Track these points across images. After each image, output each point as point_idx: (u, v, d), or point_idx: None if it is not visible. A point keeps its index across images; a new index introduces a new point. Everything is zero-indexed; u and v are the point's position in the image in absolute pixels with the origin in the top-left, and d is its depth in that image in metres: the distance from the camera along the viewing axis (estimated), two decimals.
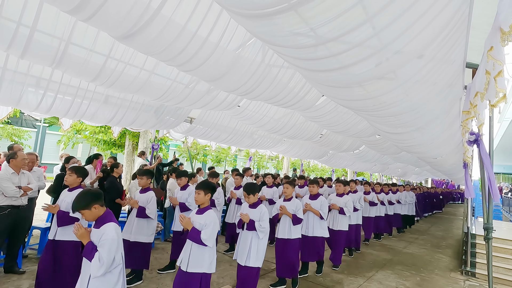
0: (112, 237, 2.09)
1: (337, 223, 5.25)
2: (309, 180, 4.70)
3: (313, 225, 4.44)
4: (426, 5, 1.72)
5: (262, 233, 3.26)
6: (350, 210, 5.19)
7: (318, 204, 4.46)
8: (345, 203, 5.21)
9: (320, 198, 4.51)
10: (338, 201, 5.31)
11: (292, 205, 4.04)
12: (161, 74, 3.94)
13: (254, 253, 3.25)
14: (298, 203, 4.09)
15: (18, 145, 4.70)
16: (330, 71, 2.48)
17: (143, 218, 3.79)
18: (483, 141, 2.97)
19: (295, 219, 3.96)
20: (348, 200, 5.23)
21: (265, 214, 3.32)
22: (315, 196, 4.56)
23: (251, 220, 3.29)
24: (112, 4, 2.08)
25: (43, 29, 2.82)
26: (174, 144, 21.52)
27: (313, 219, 4.48)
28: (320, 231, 4.47)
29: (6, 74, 3.65)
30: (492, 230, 3.11)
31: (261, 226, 3.25)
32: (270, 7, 1.62)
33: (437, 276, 5.44)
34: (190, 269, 2.67)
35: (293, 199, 4.11)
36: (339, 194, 5.38)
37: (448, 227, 12.27)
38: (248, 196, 3.38)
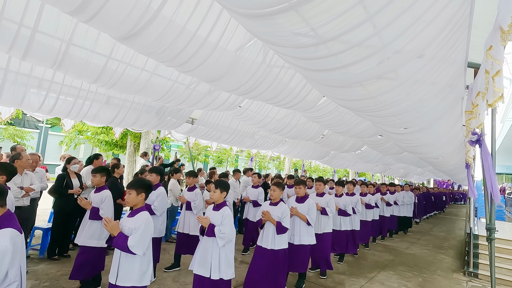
0: (4, 248, 1.65)
1: (320, 225, 4.66)
2: (296, 180, 4.18)
3: (300, 232, 3.93)
4: (427, 4, 1.72)
5: (222, 240, 2.79)
6: (333, 210, 4.67)
7: (306, 208, 3.95)
8: (326, 203, 4.68)
9: (308, 201, 4.01)
10: (319, 201, 4.68)
11: (278, 211, 3.49)
12: (162, 75, 3.94)
13: (216, 264, 2.79)
14: (286, 209, 3.55)
15: (21, 146, 4.73)
16: (331, 70, 2.48)
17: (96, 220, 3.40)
18: (485, 141, 2.96)
19: (279, 228, 3.42)
20: (330, 199, 4.68)
21: (227, 217, 2.88)
22: (302, 198, 4.05)
23: (211, 225, 2.87)
24: (112, 5, 2.09)
25: (44, 30, 2.83)
26: (176, 144, 21.56)
27: (299, 225, 3.95)
28: (307, 238, 3.97)
29: (9, 75, 3.67)
30: (494, 231, 3.09)
31: (221, 232, 2.79)
32: (270, 7, 1.62)
33: (439, 277, 5.41)
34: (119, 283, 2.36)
35: (280, 203, 3.57)
36: (320, 194, 4.80)
37: (450, 227, 12.21)
38: (214, 191, 3.01)
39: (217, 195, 2.99)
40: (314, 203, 3.99)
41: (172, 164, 8.51)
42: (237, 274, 4.39)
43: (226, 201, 5.02)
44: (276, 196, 3.59)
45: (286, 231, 3.47)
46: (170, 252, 5.23)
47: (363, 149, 10.19)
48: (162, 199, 3.92)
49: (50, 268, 4.12)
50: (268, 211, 3.49)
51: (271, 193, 3.61)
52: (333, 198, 4.97)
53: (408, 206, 9.80)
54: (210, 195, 3.08)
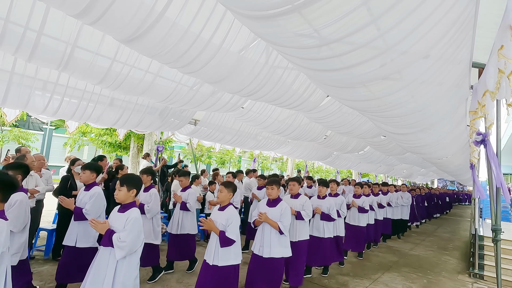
0: None
1: (295, 232, 3.98)
2: (268, 180, 3.55)
3: (271, 242, 3.26)
4: (433, 6, 1.71)
5: (121, 251, 2.19)
6: (309, 214, 4.01)
7: (278, 213, 3.29)
8: (302, 205, 4.01)
9: (281, 205, 3.35)
10: (293, 204, 4.04)
11: (223, 218, 2.95)
12: (166, 76, 3.97)
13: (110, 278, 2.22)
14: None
15: (25, 148, 4.76)
16: (334, 71, 2.47)
17: None
18: (491, 141, 2.94)
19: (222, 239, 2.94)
20: (306, 201, 4.04)
21: (131, 221, 2.29)
22: (274, 201, 3.41)
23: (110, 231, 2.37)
24: (117, 8, 2.10)
25: (49, 33, 2.87)
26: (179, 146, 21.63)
27: (270, 234, 3.28)
28: (279, 250, 3.26)
29: (14, 77, 3.71)
30: (500, 232, 3.06)
31: (119, 240, 2.21)
32: (274, 9, 1.62)
33: (444, 278, 5.37)
34: None
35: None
36: (294, 196, 4.13)
37: (455, 228, 12.12)
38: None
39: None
40: (288, 208, 3.37)
41: (175, 165, 8.54)
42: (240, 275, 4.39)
43: None
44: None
45: (231, 243, 2.80)
46: None
47: (366, 149, 10.16)
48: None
49: (55, 269, 4.12)
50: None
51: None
52: (315, 199, 4.73)
53: (404, 208, 9.02)
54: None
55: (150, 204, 3.80)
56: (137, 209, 2.39)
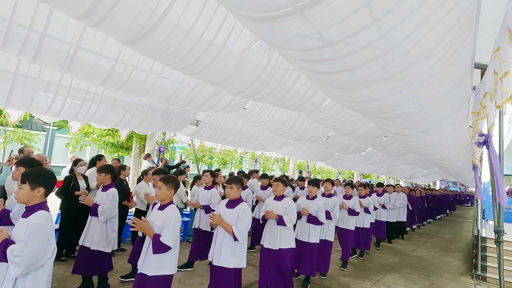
0: None
1: (274, 239, 3.54)
2: (228, 179, 3.27)
3: (221, 249, 2.87)
4: (434, 6, 1.71)
5: (17, 268, 1.78)
6: (293, 219, 3.58)
7: (235, 216, 2.91)
8: (285, 209, 3.58)
9: (240, 206, 2.97)
10: (275, 207, 3.63)
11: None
12: (168, 77, 3.98)
13: None
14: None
15: (28, 148, 4.79)
16: (336, 73, 2.48)
17: None
18: (493, 142, 2.93)
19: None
20: (289, 204, 3.62)
21: (30, 229, 1.94)
22: (234, 202, 3.04)
23: None
24: (119, 9, 2.12)
25: (53, 35, 2.89)
26: (180, 146, 21.68)
27: (222, 239, 2.90)
28: (231, 259, 2.86)
29: (18, 78, 3.73)
30: (503, 233, 3.05)
31: (12, 254, 1.85)
32: (276, 10, 1.63)
33: (446, 280, 5.35)
34: None
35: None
36: (278, 197, 3.74)
37: (457, 230, 12.07)
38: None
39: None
40: (247, 210, 2.95)
41: (177, 166, 8.56)
42: None
43: None
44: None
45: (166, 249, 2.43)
46: None
47: (368, 150, 10.13)
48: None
49: (57, 269, 4.16)
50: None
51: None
52: (303, 200, 4.37)
53: (401, 209, 8.52)
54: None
55: (105, 205, 3.33)
56: (43, 213, 1.88)
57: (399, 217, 8.42)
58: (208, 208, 4.54)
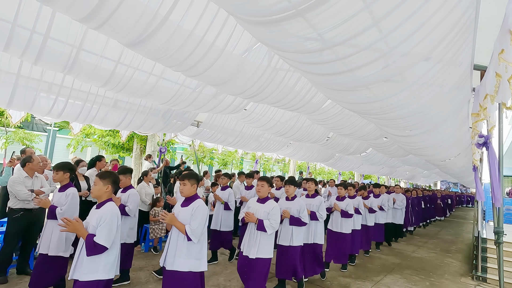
0: None
1: (252, 246, 3.22)
2: (182, 175, 2.87)
3: (176, 253, 2.57)
4: (433, 8, 1.73)
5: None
6: (275, 225, 3.19)
7: (188, 215, 2.61)
8: (267, 213, 3.22)
9: (194, 204, 2.67)
10: (257, 210, 3.29)
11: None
12: (169, 78, 4.01)
13: None
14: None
15: (30, 149, 4.81)
16: (337, 74, 2.50)
17: None
18: (492, 143, 2.94)
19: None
20: (273, 208, 3.25)
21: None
22: (188, 199, 2.73)
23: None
24: (122, 12, 2.14)
25: (55, 37, 2.91)
26: (181, 147, 21.71)
27: (176, 241, 2.59)
28: (184, 261, 2.55)
29: (20, 80, 3.76)
30: (502, 234, 3.06)
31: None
32: (277, 14, 1.65)
33: (447, 281, 5.35)
34: None
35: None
36: (261, 199, 3.39)
37: (458, 231, 12.06)
38: None
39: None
40: (201, 207, 2.63)
41: (178, 167, 8.58)
42: None
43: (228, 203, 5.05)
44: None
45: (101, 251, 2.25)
46: None
47: (369, 151, 10.15)
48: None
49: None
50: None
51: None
52: (282, 201, 4.05)
53: (399, 211, 8.19)
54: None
55: (64, 207, 3.06)
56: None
57: (395, 219, 8.11)
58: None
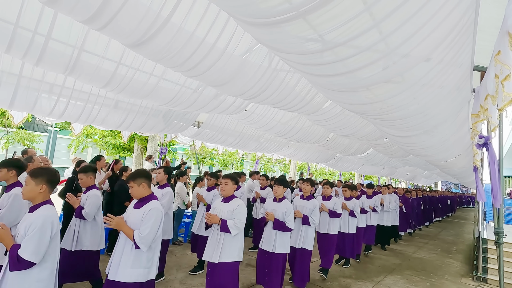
0: None
1: (215, 249, 2.94)
2: (129, 174, 2.58)
3: (121, 260, 2.30)
4: (432, 10, 1.74)
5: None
6: (239, 225, 2.92)
7: (139, 218, 2.34)
8: (231, 212, 2.98)
9: (147, 206, 2.39)
10: (221, 210, 3.05)
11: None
12: (170, 79, 4.02)
13: None
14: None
15: (32, 150, 4.83)
16: (337, 75, 2.51)
17: None
18: (493, 144, 2.95)
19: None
20: (237, 206, 2.98)
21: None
22: (141, 201, 2.46)
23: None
24: (124, 14, 2.15)
25: (57, 38, 2.92)
26: (182, 147, 21.72)
27: (123, 247, 2.33)
28: (130, 271, 2.28)
29: (22, 81, 3.78)
30: (503, 235, 3.06)
31: None
32: (278, 16, 1.66)
33: (447, 281, 5.35)
34: None
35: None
36: (226, 198, 3.14)
37: (459, 231, 12.05)
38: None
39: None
40: (154, 210, 2.33)
41: (179, 167, 8.59)
42: (243, 277, 4.41)
43: None
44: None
45: (24, 266, 1.88)
46: (177, 254, 5.28)
47: (369, 152, 10.15)
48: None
49: None
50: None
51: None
52: (270, 203, 3.78)
53: (393, 212, 7.83)
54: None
55: (4, 210, 2.69)
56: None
57: (390, 220, 7.70)
58: None
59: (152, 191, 2.55)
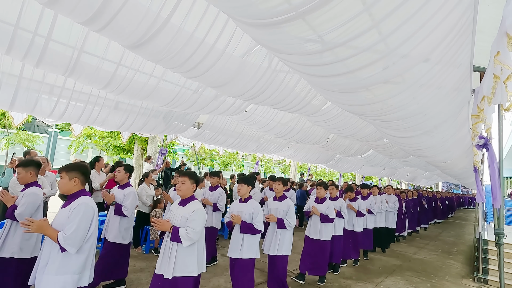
0: None
1: (168, 262, 2.48)
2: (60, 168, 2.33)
3: (46, 265, 2.11)
4: (431, 11, 1.75)
5: None
6: (192, 235, 2.43)
7: (65, 216, 2.11)
8: (185, 218, 2.53)
9: (73, 203, 2.15)
10: (176, 214, 2.62)
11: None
12: (169, 80, 4.03)
13: None
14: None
15: (34, 151, 4.84)
16: (337, 76, 2.51)
17: None
18: (492, 145, 2.95)
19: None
20: (193, 212, 2.52)
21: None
22: (70, 198, 2.24)
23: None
24: (124, 15, 2.16)
25: (57, 39, 2.93)
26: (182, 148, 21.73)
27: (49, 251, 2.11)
28: (55, 278, 2.04)
29: (22, 82, 3.79)
30: (503, 236, 3.06)
31: None
32: (278, 16, 1.67)
33: (448, 282, 5.34)
34: None
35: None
36: (182, 201, 2.69)
37: (459, 232, 12.03)
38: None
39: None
40: (81, 207, 2.09)
41: (179, 168, 8.59)
42: None
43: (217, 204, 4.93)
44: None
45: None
46: None
47: (369, 152, 10.15)
48: None
49: None
50: None
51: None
52: (235, 204, 3.41)
53: (390, 214, 7.42)
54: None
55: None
56: None
57: (388, 222, 7.37)
58: None
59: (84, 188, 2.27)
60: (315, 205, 4.47)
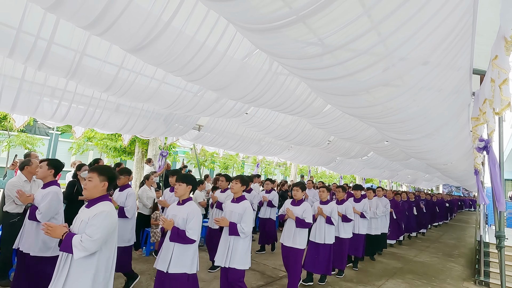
0: None
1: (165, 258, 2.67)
2: None
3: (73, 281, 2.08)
4: (430, 13, 1.76)
5: None
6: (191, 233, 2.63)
7: None
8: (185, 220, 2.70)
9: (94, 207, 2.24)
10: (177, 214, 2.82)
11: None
12: (171, 83, 4.04)
13: None
14: None
15: (34, 153, 4.85)
16: (337, 79, 2.52)
17: None
18: (493, 147, 2.95)
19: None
20: (189, 213, 2.70)
21: None
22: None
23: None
24: (125, 18, 2.17)
25: (59, 42, 2.95)
26: (183, 150, 21.74)
27: None
28: None
29: (24, 85, 3.80)
30: (504, 238, 3.04)
31: None
32: (278, 20, 1.68)
33: (449, 285, 5.32)
34: None
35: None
36: (179, 203, 2.90)
37: (460, 235, 11.99)
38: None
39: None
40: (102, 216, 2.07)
41: (180, 170, 8.60)
42: None
43: None
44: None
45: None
46: None
47: (370, 155, 10.14)
48: None
49: None
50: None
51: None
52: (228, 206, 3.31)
53: (382, 219, 6.84)
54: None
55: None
56: None
57: (378, 227, 6.71)
58: None
59: None
60: (290, 208, 4.00)
